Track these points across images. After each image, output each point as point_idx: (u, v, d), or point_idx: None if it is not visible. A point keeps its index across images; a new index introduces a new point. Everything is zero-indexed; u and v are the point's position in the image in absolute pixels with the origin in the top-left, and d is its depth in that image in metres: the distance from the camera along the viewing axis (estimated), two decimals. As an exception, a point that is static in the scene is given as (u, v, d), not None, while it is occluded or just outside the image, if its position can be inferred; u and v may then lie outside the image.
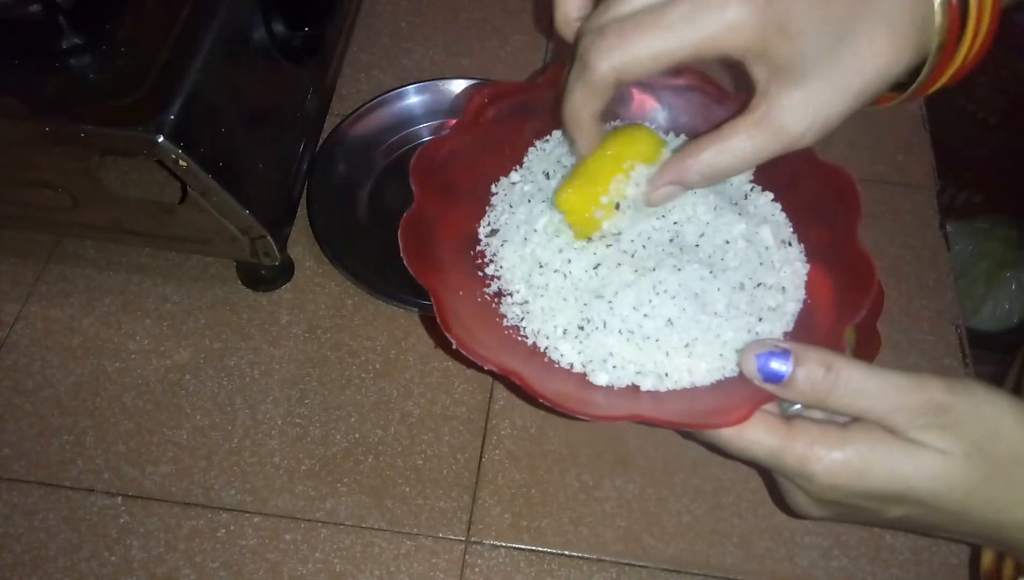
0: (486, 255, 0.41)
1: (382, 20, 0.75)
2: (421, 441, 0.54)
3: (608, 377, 0.37)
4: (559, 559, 0.50)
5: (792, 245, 0.41)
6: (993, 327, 1.20)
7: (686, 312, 0.36)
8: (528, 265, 0.39)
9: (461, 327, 0.36)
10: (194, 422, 0.54)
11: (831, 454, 0.30)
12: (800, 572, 0.50)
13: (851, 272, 0.37)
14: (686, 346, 0.36)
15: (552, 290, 0.38)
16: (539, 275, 0.39)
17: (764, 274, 0.39)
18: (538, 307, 0.39)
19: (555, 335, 0.38)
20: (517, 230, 0.40)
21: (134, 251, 0.61)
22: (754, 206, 0.42)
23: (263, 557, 0.50)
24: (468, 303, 0.39)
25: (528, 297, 0.39)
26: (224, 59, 0.51)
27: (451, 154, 0.41)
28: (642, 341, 0.36)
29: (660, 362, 0.36)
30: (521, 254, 0.40)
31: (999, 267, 1.20)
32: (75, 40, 0.48)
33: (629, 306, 0.37)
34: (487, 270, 0.41)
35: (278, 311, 0.59)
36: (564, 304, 0.38)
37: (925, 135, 0.69)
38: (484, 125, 0.42)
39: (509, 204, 0.42)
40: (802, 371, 0.30)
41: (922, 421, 0.30)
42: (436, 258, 0.39)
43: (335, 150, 0.65)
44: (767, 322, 0.38)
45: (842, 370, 0.30)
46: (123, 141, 0.46)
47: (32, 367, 0.56)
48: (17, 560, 0.49)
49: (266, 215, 0.53)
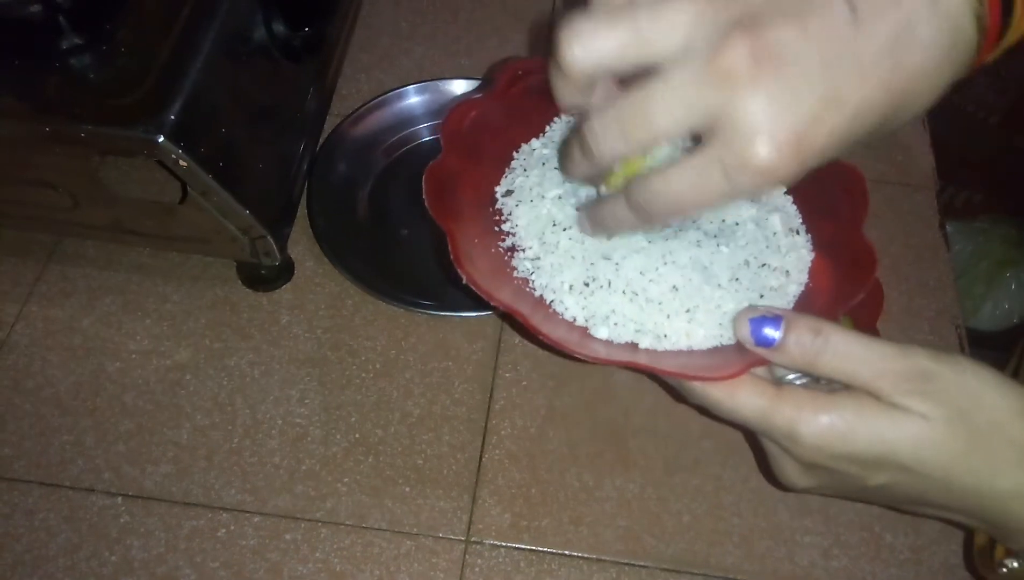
0: (503, 213, 0.42)
1: (382, 20, 0.75)
2: (421, 441, 0.54)
3: (608, 332, 0.38)
4: (559, 559, 0.50)
5: (800, 234, 0.42)
6: (993, 327, 1.20)
7: (691, 282, 0.38)
8: (542, 224, 0.41)
9: (473, 267, 0.38)
10: (194, 422, 0.54)
11: (817, 417, 0.31)
12: (800, 572, 0.50)
13: (853, 261, 0.39)
14: (687, 312, 0.37)
15: (562, 248, 0.40)
16: (551, 233, 0.40)
17: (770, 256, 0.40)
18: (548, 263, 0.40)
19: (561, 290, 0.39)
20: (530, 192, 0.42)
21: (134, 251, 0.61)
22: (766, 196, 0.43)
23: (263, 557, 0.50)
24: (482, 251, 0.40)
25: (539, 253, 0.40)
26: (224, 59, 0.51)
27: (480, 119, 0.43)
28: (644, 303, 0.38)
29: (660, 323, 0.37)
30: (537, 214, 0.41)
31: (999, 267, 1.20)
32: (75, 40, 0.48)
33: (636, 270, 0.38)
34: (503, 226, 0.42)
35: (278, 311, 0.59)
36: (572, 261, 0.39)
37: (925, 135, 0.69)
38: (514, 96, 0.43)
39: (524, 169, 0.43)
40: (792, 336, 0.32)
41: (906, 387, 0.30)
42: (456, 208, 0.40)
43: (335, 150, 0.65)
44: (768, 300, 0.39)
45: (831, 335, 0.31)
46: (123, 141, 0.46)
47: (32, 367, 0.56)
48: (17, 560, 0.49)
49: (266, 215, 0.53)
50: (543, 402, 0.55)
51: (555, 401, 0.56)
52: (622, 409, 0.55)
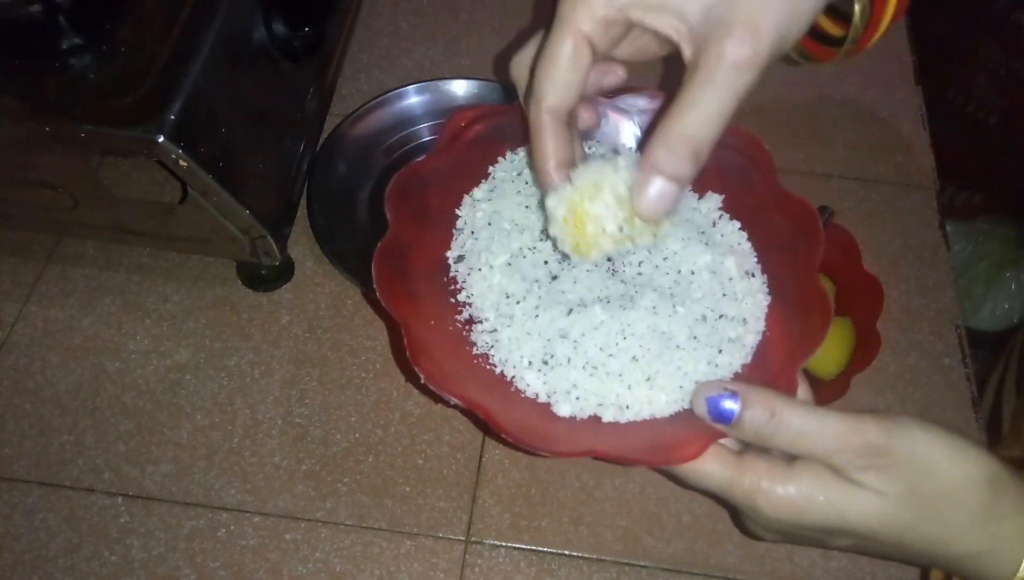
0: (456, 281, 0.41)
1: (382, 20, 0.75)
2: (421, 441, 0.54)
3: (571, 408, 0.37)
4: (559, 559, 0.50)
5: (755, 276, 0.41)
6: (993, 327, 1.20)
7: (650, 350, 0.37)
8: (496, 295, 0.40)
9: (429, 360, 0.36)
10: (194, 422, 0.54)
11: (775, 489, 0.32)
12: (800, 572, 0.50)
13: (808, 306, 0.38)
14: (648, 379, 0.37)
15: (518, 321, 0.39)
16: (505, 305, 0.39)
17: (726, 306, 0.39)
18: (505, 337, 0.39)
19: (521, 365, 0.38)
20: (479, 258, 0.40)
21: (134, 251, 0.61)
22: (720, 235, 0.42)
23: (263, 557, 0.50)
24: (438, 333, 0.39)
25: (496, 325, 0.39)
26: (224, 59, 0.51)
27: (427, 177, 0.41)
28: (605, 376, 0.37)
29: (622, 395, 0.37)
30: (489, 284, 0.40)
31: (999, 267, 1.20)
32: (75, 40, 0.48)
33: (595, 346, 0.38)
34: (459, 297, 0.41)
35: (278, 311, 0.59)
36: (529, 337, 0.38)
37: (925, 135, 0.69)
38: (461, 148, 0.42)
39: (472, 230, 0.41)
40: (748, 413, 0.33)
41: (860, 463, 0.32)
42: (410, 287, 0.39)
43: (335, 150, 0.64)
44: (727, 354, 0.38)
45: (784, 414, 0.32)
46: (123, 141, 0.46)
47: (32, 367, 0.56)
48: (17, 560, 0.49)
49: (266, 215, 0.53)
50: (543, 402, 0.55)
51: (555, 401, 0.56)
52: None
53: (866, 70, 0.73)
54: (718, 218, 0.43)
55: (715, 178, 0.42)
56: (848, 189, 0.66)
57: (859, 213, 0.64)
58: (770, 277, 0.41)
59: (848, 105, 0.71)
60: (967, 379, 0.57)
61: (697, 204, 0.43)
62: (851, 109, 0.71)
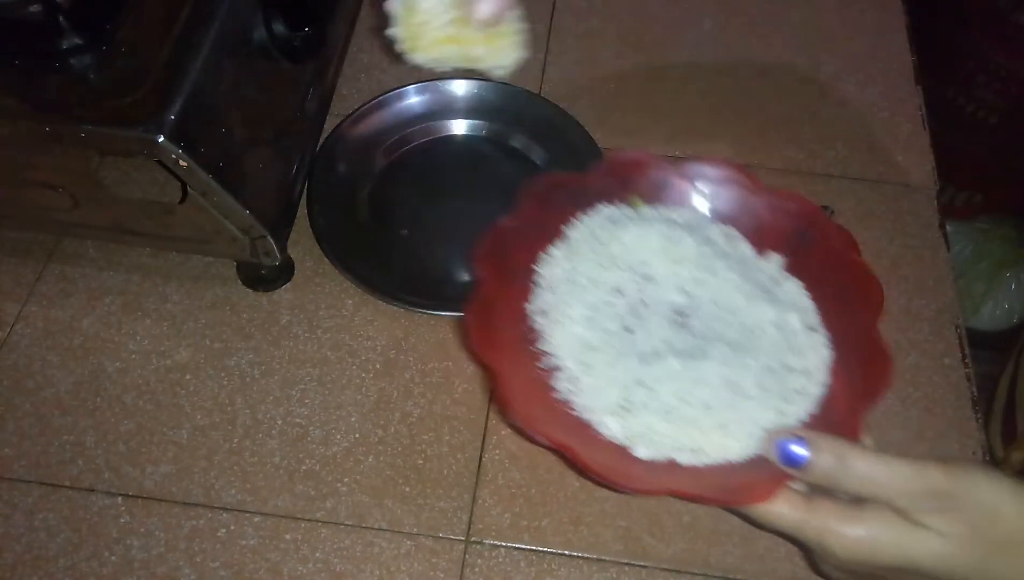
0: (538, 332, 0.44)
1: (382, 20, 0.75)
2: (421, 441, 0.54)
3: (649, 451, 0.40)
4: (559, 559, 0.50)
5: (817, 331, 0.43)
6: (993, 327, 1.20)
7: (722, 398, 0.40)
8: (576, 345, 0.42)
9: (519, 404, 0.40)
10: (194, 422, 0.54)
11: (844, 530, 0.34)
12: (800, 572, 0.50)
13: (868, 361, 0.41)
14: (721, 427, 0.40)
15: (598, 370, 0.42)
16: (585, 355, 0.42)
17: (791, 358, 0.42)
18: (586, 384, 0.42)
19: (601, 411, 0.41)
20: (558, 311, 0.44)
21: (134, 251, 0.61)
22: (783, 293, 0.45)
23: (263, 557, 0.50)
24: (524, 379, 0.42)
25: (578, 374, 0.42)
26: (224, 59, 0.51)
27: (508, 238, 0.45)
28: (681, 422, 0.40)
29: (697, 439, 0.40)
30: (568, 334, 0.43)
31: (999, 267, 1.20)
32: (75, 40, 0.48)
33: (671, 393, 0.40)
34: (540, 346, 0.43)
35: (278, 311, 0.59)
36: (609, 384, 0.41)
37: (925, 135, 0.69)
38: (538, 210, 0.46)
39: (551, 285, 0.45)
40: (816, 458, 0.35)
41: (924, 506, 0.33)
42: (496, 338, 0.42)
43: (335, 150, 0.65)
44: (793, 404, 0.41)
45: (851, 459, 0.34)
46: (123, 141, 0.46)
47: (32, 367, 0.56)
48: (17, 560, 0.49)
49: (266, 215, 0.53)
50: (543, 402, 0.55)
51: (555, 401, 0.56)
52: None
53: (866, 70, 0.73)
54: (781, 277, 0.45)
55: (778, 241, 0.46)
56: (848, 189, 0.66)
57: (859, 213, 0.64)
58: (832, 332, 0.43)
59: (848, 105, 0.71)
60: (967, 379, 0.57)
61: (761, 264, 0.46)
62: (851, 109, 0.71)
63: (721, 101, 0.71)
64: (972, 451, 0.54)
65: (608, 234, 0.45)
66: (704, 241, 0.45)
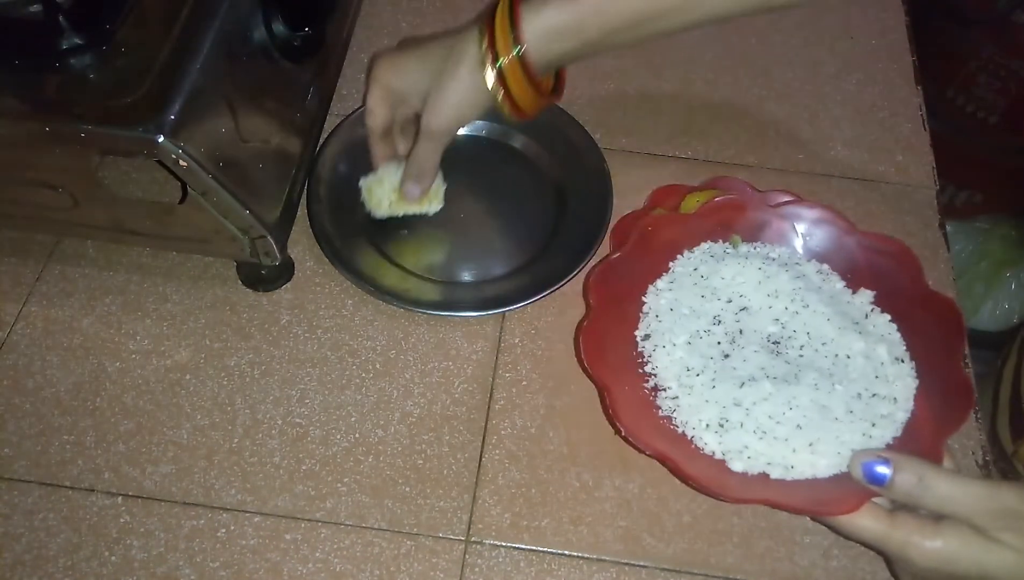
0: (643, 355, 0.49)
1: (382, 20, 0.75)
2: (421, 441, 0.54)
3: (743, 465, 0.44)
4: (559, 559, 0.50)
5: (904, 362, 0.47)
6: (993, 327, 1.20)
7: (812, 420, 0.44)
8: (678, 367, 0.47)
9: (627, 419, 0.45)
10: (194, 422, 0.54)
11: (924, 543, 0.38)
12: (800, 572, 0.50)
13: (951, 390, 0.45)
14: (810, 445, 0.44)
15: (697, 391, 0.46)
16: (687, 377, 0.47)
17: (879, 386, 0.46)
18: (687, 403, 0.46)
19: (700, 427, 0.45)
20: (663, 337, 0.49)
21: (134, 251, 0.61)
22: (873, 326, 0.49)
23: (263, 557, 0.50)
24: (632, 397, 0.47)
25: (679, 394, 0.47)
26: (224, 59, 0.51)
27: (619, 270, 0.50)
28: (773, 440, 0.44)
29: (787, 456, 0.44)
30: (672, 358, 0.48)
31: (999, 267, 1.20)
32: (75, 40, 0.48)
33: (765, 414, 0.45)
34: (646, 368, 0.48)
35: (278, 311, 0.59)
36: (707, 404, 0.46)
37: (925, 135, 0.69)
38: (645, 246, 0.51)
39: (656, 314, 0.50)
40: (899, 477, 0.39)
41: (999, 524, 0.37)
42: (606, 359, 0.47)
43: (335, 150, 0.65)
44: (879, 428, 0.44)
45: (931, 480, 0.38)
46: (123, 141, 0.46)
47: (32, 367, 0.56)
48: (17, 560, 0.49)
49: (266, 215, 0.53)
50: (543, 402, 0.55)
51: (555, 401, 0.56)
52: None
53: (866, 70, 0.73)
54: (871, 311, 0.50)
55: (869, 278, 0.50)
56: (848, 189, 0.66)
57: (859, 213, 0.64)
58: (918, 363, 0.47)
59: (848, 105, 0.71)
60: (967, 379, 0.57)
61: (852, 298, 0.50)
62: (851, 109, 0.71)
63: (721, 101, 0.71)
64: (972, 451, 0.54)
65: (709, 269, 0.51)
66: (798, 276, 0.50)
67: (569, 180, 0.65)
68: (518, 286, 0.59)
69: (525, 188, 0.65)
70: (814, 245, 0.52)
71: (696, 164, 0.67)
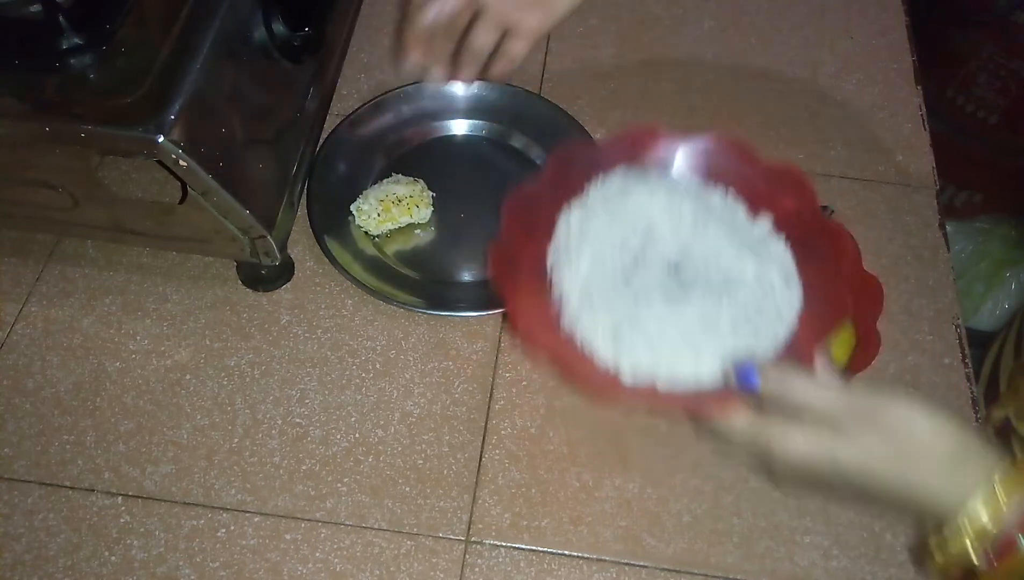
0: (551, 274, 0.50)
1: (382, 20, 0.75)
2: (421, 441, 0.54)
3: (633, 373, 0.46)
4: (559, 559, 0.50)
5: (792, 283, 0.49)
6: (993, 327, 1.19)
7: (699, 334, 0.47)
8: (581, 283, 0.49)
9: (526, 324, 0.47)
10: (194, 422, 0.54)
11: (786, 440, 0.41)
12: (800, 572, 0.50)
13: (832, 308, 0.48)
14: (696, 357, 0.46)
15: (596, 304, 0.48)
16: (587, 292, 0.48)
17: (766, 304, 0.48)
18: (585, 316, 0.48)
19: (595, 336, 0.47)
20: (570, 255, 0.50)
21: (134, 251, 0.61)
22: (768, 250, 0.51)
23: (263, 557, 0.50)
24: (536, 310, 0.49)
25: (579, 306, 0.48)
26: (224, 59, 0.51)
27: (532, 196, 0.52)
28: (661, 350, 0.46)
29: (674, 366, 0.46)
30: (577, 275, 0.49)
31: (999, 267, 1.19)
32: (75, 40, 0.48)
33: (655, 326, 0.47)
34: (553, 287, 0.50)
35: (278, 311, 0.59)
36: (603, 316, 0.48)
37: (925, 135, 0.69)
38: (560, 174, 0.53)
39: (567, 235, 0.51)
40: (765, 381, 0.42)
41: (853, 422, 0.40)
42: (517, 278, 0.49)
43: (335, 150, 0.65)
44: (761, 341, 0.47)
45: (793, 382, 0.41)
46: (123, 141, 0.46)
47: (32, 367, 0.56)
48: (17, 560, 0.49)
49: (266, 215, 0.53)
50: (543, 402, 0.55)
51: (555, 401, 0.56)
52: (622, 409, 0.55)
53: (866, 70, 0.73)
54: (769, 237, 0.52)
55: (769, 205, 0.52)
56: (848, 189, 0.66)
57: (859, 213, 0.64)
58: (806, 284, 0.49)
59: (848, 105, 0.71)
60: (967, 379, 0.57)
61: (752, 226, 0.52)
62: (851, 109, 0.71)
63: (721, 101, 0.71)
64: (972, 451, 0.54)
65: (619, 196, 0.52)
66: (703, 204, 0.52)
67: (569, 180, 0.65)
68: (518, 286, 0.59)
69: (525, 188, 0.65)
70: (720, 175, 0.54)
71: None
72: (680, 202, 0.51)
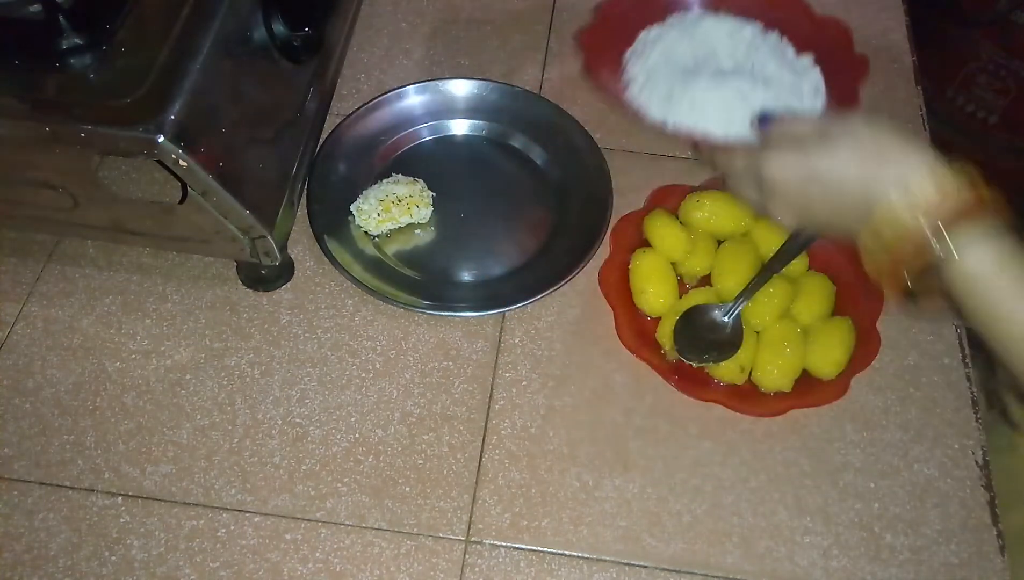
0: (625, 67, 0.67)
1: (382, 20, 0.75)
2: (421, 441, 0.54)
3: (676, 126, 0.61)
4: (559, 559, 0.50)
5: (819, 98, 0.64)
6: (993, 327, 1.19)
7: (736, 103, 0.61)
8: (648, 66, 0.65)
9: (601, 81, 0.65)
10: (194, 422, 0.54)
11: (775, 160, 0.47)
12: (800, 572, 0.50)
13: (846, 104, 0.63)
14: (728, 123, 0.60)
15: (656, 79, 0.64)
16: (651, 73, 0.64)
17: (794, 100, 0.63)
18: (647, 86, 0.63)
19: (652, 99, 0.63)
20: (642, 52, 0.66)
21: (134, 251, 0.61)
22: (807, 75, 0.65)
23: (263, 557, 0.50)
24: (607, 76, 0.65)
25: (642, 81, 0.64)
26: (224, 59, 0.51)
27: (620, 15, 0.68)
28: (703, 110, 0.61)
29: (711, 123, 0.61)
30: (645, 64, 0.65)
31: (999, 267, 1.19)
32: (75, 40, 0.48)
33: (701, 93, 0.62)
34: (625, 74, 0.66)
35: (278, 311, 0.59)
36: (660, 85, 0.63)
37: (925, 135, 0.69)
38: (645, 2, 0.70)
39: (644, 43, 0.67)
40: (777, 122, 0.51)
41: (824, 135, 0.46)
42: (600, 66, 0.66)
43: (335, 150, 0.65)
44: None
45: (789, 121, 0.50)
46: (123, 141, 0.46)
47: (32, 367, 0.56)
48: (17, 560, 0.49)
49: (266, 215, 0.53)
50: (543, 402, 0.55)
51: (555, 401, 0.56)
52: (622, 409, 0.55)
53: (866, 70, 0.73)
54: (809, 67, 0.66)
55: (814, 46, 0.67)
56: (848, 189, 0.66)
57: (859, 213, 0.64)
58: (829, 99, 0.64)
59: (848, 105, 0.71)
60: (967, 379, 0.57)
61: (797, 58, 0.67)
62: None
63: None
64: (971, 451, 0.54)
65: (692, 22, 0.68)
66: (759, 38, 0.67)
67: (569, 180, 0.65)
68: (518, 286, 0.59)
69: (525, 188, 0.65)
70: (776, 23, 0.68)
71: (696, 164, 0.67)
72: (741, 31, 0.66)
